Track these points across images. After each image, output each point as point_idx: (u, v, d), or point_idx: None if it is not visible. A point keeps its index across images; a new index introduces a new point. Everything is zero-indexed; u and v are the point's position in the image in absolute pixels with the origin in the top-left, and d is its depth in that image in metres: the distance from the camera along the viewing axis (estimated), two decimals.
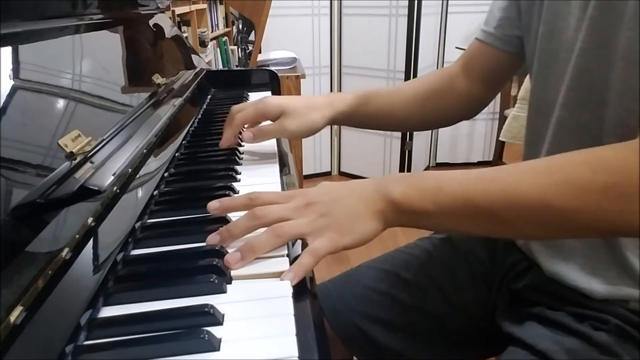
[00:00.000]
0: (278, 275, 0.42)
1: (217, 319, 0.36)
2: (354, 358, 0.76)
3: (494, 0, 0.71)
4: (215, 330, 0.35)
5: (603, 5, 0.50)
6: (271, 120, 0.70)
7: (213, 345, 0.33)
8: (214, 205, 0.48)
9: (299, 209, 0.46)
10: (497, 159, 2.71)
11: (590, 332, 0.52)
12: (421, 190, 0.46)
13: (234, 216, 0.49)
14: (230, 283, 0.41)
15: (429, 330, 0.69)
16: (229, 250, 0.44)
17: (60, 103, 0.51)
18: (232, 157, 0.70)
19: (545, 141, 0.58)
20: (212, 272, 0.41)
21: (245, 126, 0.72)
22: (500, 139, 2.42)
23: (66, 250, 0.37)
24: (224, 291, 0.40)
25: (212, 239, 0.45)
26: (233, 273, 0.42)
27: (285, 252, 0.45)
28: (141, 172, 0.57)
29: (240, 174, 0.65)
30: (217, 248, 0.44)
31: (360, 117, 0.76)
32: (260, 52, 2.32)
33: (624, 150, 0.41)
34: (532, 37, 0.62)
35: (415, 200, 0.46)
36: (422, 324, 0.69)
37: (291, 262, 0.43)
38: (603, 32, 0.51)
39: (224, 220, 0.50)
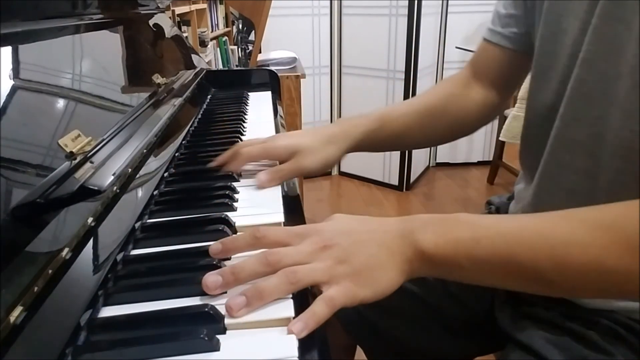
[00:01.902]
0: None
1: (217, 319, 0.36)
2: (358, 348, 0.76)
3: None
4: (215, 330, 0.34)
5: (608, 14, 0.47)
6: (280, 162, 0.64)
7: (213, 345, 0.33)
8: (215, 249, 0.43)
9: (314, 253, 0.41)
10: (497, 159, 2.71)
11: (583, 331, 0.53)
12: (455, 241, 0.41)
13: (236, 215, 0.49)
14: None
15: (429, 319, 0.69)
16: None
17: (60, 103, 0.51)
18: None
19: (545, 152, 0.56)
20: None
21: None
22: (500, 139, 2.42)
23: (66, 250, 0.37)
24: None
25: (212, 280, 0.39)
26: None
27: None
28: (141, 172, 0.57)
29: (240, 174, 0.65)
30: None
31: (377, 142, 0.71)
32: (260, 52, 2.32)
33: None
34: (534, 37, 0.60)
35: (448, 253, 0.41)
36: (422, 312, 0.69)
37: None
38: (607, 44, 0.47)
39: (225, 221, 0.50)
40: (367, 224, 0.44)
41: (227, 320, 0.36)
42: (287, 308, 0.38)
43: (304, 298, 0.39)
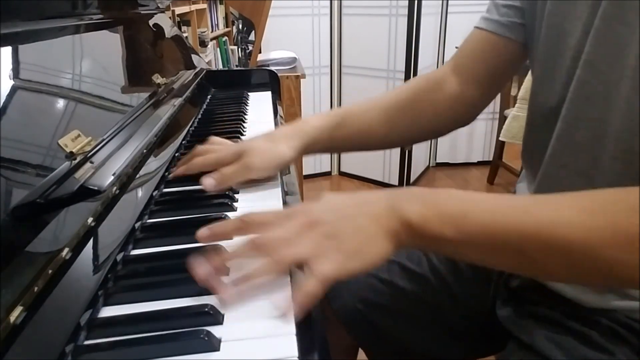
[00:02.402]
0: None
1: (217, 319, 0.36)
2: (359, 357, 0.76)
3: None
4: (215, 330, 0.35)
5: (610, 16, 0.47)
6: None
7: (213, 345, 0.33)
8: (203, 234, 0.43)
9: (302, 231, 0.41)
10: (497, 159, 2.71)
11: (584, 330, 0.53)
12: (442, 214, 0.41)
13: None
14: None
15: (431, 319, 0.69)
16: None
17: (60, 103, 0.51)
18: None
19: (546, 154, 0.56)
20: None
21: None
22: (500, 139, 2.42)
23: (66, 250, 0.37)
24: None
25: (201, 268, 0.39)
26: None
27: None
28: (141, 172, 0.57)
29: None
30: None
31: (338, 140, 0.67)
32: (260, 52, 2.32)
33: None
34: (535, 38, 0.59)
35: (435, 224, 0.41)
36: (423, 313, 0.69)
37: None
38: (610, 46, 0.47)
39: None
40: (354, 198, 0.44)
41: (225, 318, 0.36)
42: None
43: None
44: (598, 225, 0.37)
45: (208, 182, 0.56)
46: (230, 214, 0.52)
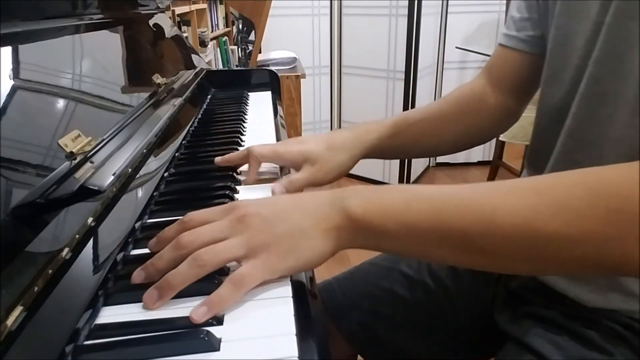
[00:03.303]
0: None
1: (217, 319, 0.36)
2: (359, 358, 0.76)
3: (514, 0, 0.68)
4: (215, 330, 0.35)
5: (623, 13, 0.47)
6: (291, 167, 0.64)
7: (213, 345, 0.33)
8: (151, 242, 0.43)
9: (232, 226, 0.39)
10: (497, 159, 2.71)
11: (582, 330, 0.53)
12: (384, 206, 0.39)
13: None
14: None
15: (431, 327, 0.69)
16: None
17: (60, 103, 0.51)
18: None
19: (555, 150, 0.56)
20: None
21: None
22: (500, 138, 2.42)
23: (66, 250, 0.37)
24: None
25: (138, 276, 0.39)
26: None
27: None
28: (141, 172, 0.57)
29: (240, 174, 0.65)
30: None
31: (392, 149, 0.68)
32: (260, 52, 2.33)
33: (629, 170, 0.34)
34: (547, 39, 0.60)
35: (377, 218, 0.39)
36: (423, 320, 0.69)
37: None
38: (620, 42, 0.47)
39: None
40: (296, 197, 0.43)
41: (225, 318, 0.36)
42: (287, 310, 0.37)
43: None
44: (542, 203, 0.35)
45: (278, 190, 0.58)
46: None
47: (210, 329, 0.34)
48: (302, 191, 0.59)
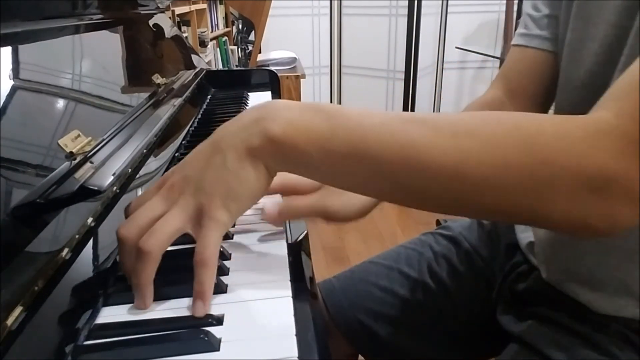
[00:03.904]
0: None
1: (217, 319, 0.36)
2: (360, 357, 0.76)
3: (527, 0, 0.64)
4: (215, 330, 0.35)
5: None
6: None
7: (213, 345, 0.33)
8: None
9: (167, 198, 0.37)
10: None
11: (590, 333, 0.52)
12: (308, 129, 0.36)
13: None
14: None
15: (431, 326, 0.69)
16: None
17: (60, 103, 0.51)
18: None
19: None
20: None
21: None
22: None
23: (66, 250, 0.37)
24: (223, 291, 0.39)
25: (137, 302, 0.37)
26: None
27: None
28: (141, 172, 0.57)
29: None
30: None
31: None
32: (260, 52, 2.33)
33: (566, 124, 0.34)
34: (560, 42, 0.57)
35: (299, 141, 0.36)
36: (423, 320, 0.69)
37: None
38: None
39: None
40: (217, 131, 0.39)
41: (225, 318, 0.36)
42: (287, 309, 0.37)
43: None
44: (473, 147, 0.34)
45: (270, 214, 0.47)
46: None
47: (210, 329, 0.34)
48: (303, 219, 0.50)
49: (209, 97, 1.11)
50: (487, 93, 0.68)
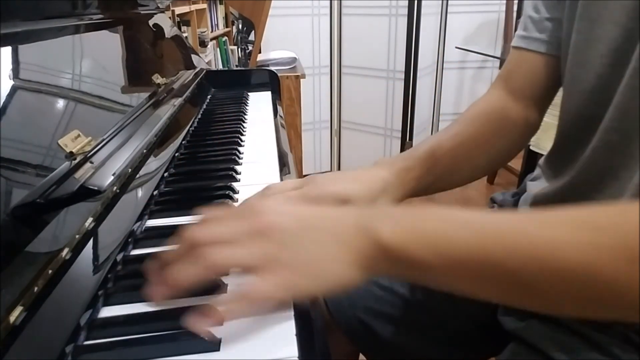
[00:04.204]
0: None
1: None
2: (360, 356, 0.76)
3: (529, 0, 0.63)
4: (215, 330, 0.35)
5: None
6: None
7: (213, 345, 0.33)
8: (151, 266, 0.39)
9: (250, 232, 0.36)
10: None
11: (591, 333, 0.52)
12: (420, 234, 0.35)
13: None
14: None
15: (432, 326, 0.69)
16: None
17: (60, 103, 0.51)
18: (232, 157, 0.70)
19: (583, 157, 0.53)
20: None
21: None
22: None
23: (66, 250, 0.37)
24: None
25: (149, 266, 0.37)
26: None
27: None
28: (141, 172, 0.57)
29: (240, 173, 0.65)
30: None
31: (428, 184, 0.60)
32: (260, 52, 2.33)
33: None
34: (564, 45, 0.56)
35: (412, 247, 0.35)
36: (424, 319, 0.69)
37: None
38: None
39: None
40: (320, 210, 0.39)
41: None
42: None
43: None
44: (604, 243, 0.32)
45: None
46: None
47: (210, 329, 0.34)
48: None
49: (209, 97, 1.11)
50: (488, 93, 0.68)
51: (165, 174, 0.63)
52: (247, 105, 1.03)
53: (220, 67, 2.55)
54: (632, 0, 0.46)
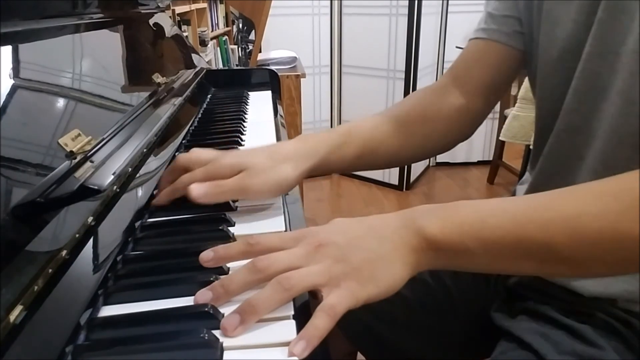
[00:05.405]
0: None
1: (217, 319, 0.36)
2: (359, 355, 0.76)
3: (488, 0, 0.66)
4: (215, 330, 0.34)
5: (613, 6, 0.48)
6: None
7: (213, 344, 0.33)
8: (206, 256, 0.40)
9: (309, 254, 0.39)
10: (497, 159, 2.71)
11: (576, 325, 0.53)
12: (460, 224, 0.40)
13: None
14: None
15: (432, 326, 0.69)
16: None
17: (60, 102, 0.51)
18: None
19: (547, 146, 0.57)
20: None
21: None
22: (500, 138, 2.42)
23: (66, 249, 0.37)
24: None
25: (203, 296, 0.37)
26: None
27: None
28: (141, 172, 0.57)
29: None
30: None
31: (346, 160, 0.61)
32: (260, 52, 2.33)
33: None
34: (534, 45, 0.59)
35: (455, 237, 0.39)
36: (424, 320, 0.69)
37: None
38: (612, 37, 0.48)
39: (225, 221, 0.50)
40: (365, 221, 0.42)
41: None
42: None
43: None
44: (623, 206, 0.36)
45: (199, 192, 0.50)
46: (230, 214, 0.52)
47: (210, 329, 0.34)
48: (228, 200, 0.53)
49: (209, 96, 1.11)
50: (436, 82, 0.70)
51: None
52: (247, 105, 1.03)
53: (221, 66, 2.55)
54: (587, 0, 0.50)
